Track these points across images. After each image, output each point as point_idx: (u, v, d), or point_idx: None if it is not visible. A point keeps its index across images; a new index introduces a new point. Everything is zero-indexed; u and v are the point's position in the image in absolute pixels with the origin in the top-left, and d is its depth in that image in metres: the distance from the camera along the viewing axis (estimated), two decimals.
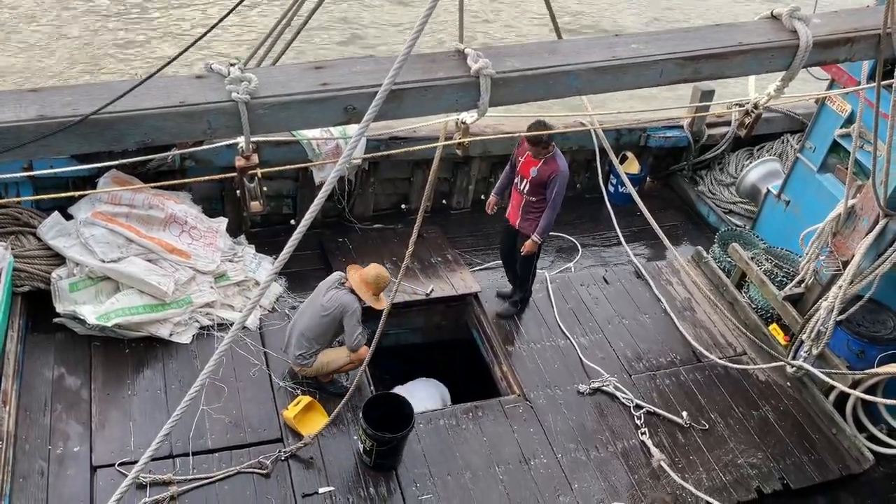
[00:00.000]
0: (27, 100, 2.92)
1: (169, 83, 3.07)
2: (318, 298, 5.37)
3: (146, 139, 3.33)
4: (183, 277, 5.66)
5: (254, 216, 6.75)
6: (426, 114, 3.48)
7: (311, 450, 5.02)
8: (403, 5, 13.51)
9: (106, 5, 12.65)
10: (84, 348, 5.38)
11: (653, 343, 6.27)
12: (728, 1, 15.07)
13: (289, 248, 2.82)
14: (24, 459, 4.65)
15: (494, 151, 7.44)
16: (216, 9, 12.49)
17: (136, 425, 4.95)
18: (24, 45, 11.40)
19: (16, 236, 5.49)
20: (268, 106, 3.04)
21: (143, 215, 5.77)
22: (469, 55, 3.25)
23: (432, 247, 6.95)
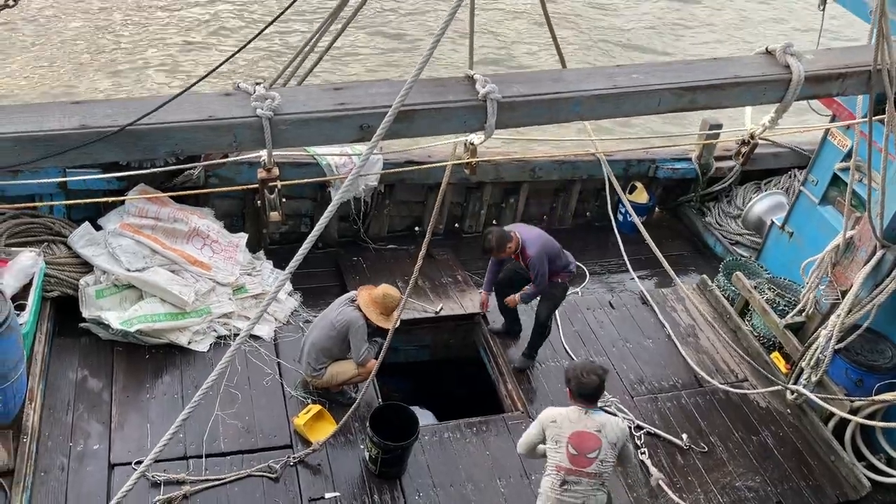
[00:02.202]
0: (71, 111, 3.20)
1: (199, 99, 3.34)
2: (330, 314, 5.59)
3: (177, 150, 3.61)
4: (203, 288, 5.92)
5: (273, 226, 7.02)
6: (436, 133, 3.73)
7: (319, 456, 5.20)
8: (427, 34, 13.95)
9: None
10: (107, 352, 5.63)
11: (656, 367, 6.41)
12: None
13: (301, 253, 3.01)
14: (47, 454, 4.87)
15: (506, 177, 7.69)
16: (237, 36, 12.98)
17: (154, 427, 5.16)
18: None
19: (48, 244, 5.78)
20: (289, 122, 3.29)
21: (168, 228, 6.06)
22: (477, 80, 3.50)
23: (443, 267, 7.17)
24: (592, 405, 4.39)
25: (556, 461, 4.29)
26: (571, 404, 4.40)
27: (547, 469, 4.36)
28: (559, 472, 4.28)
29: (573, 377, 4.39)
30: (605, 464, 4.31)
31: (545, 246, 6.00)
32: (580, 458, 4.26)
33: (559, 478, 4.28)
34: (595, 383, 4.34)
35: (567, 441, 4.28)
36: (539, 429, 4.40)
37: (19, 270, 5.16)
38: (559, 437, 4.30)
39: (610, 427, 4.35)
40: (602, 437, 4.30)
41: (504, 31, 14.56)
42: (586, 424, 4.31)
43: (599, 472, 4.29)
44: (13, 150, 3.03)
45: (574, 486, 4.26)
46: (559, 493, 4.28)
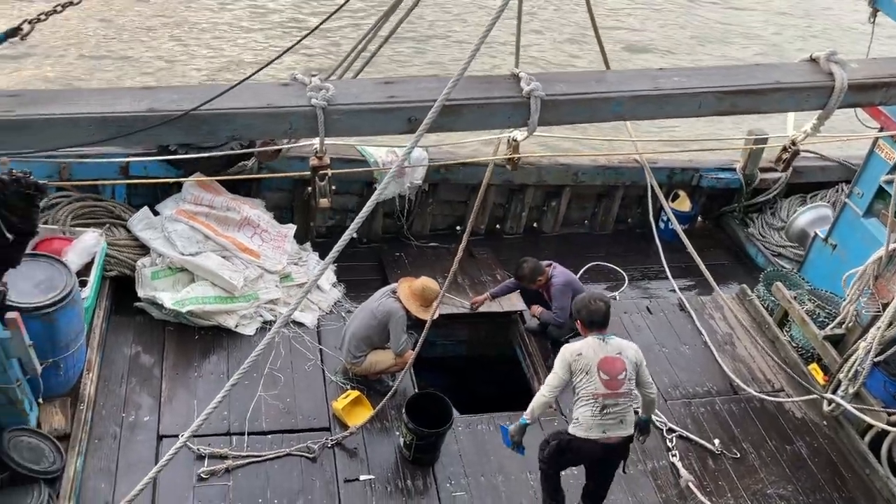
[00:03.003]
0: (140, 95, 3.42)
1: (258, 88, 3.54)
2: (371, 305, 5.79)
3: (236, 134, 3.82)
4: (252, 275, 6.17)
5: (320, 218, 7.27)
6: (481, 128, 3.87)
7: (355, 440, 5.38)
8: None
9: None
10: (159, 331, 5.92)
11: (691, 373, 6.43)
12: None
13: (344, 239, 3.17)
14: (101, 423, 5.15)
15: (549, 181, 7.80)
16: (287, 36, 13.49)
17: (200, 403, 5.40)
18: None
19: (109, 226, 6.09)
20: (342, 112, 3.46)
21: (220, 216, 6.33)
22: (522, 78, 3.63)
23: (483, 266, 7.31)
24: (605, 331, 4.71)
25: (592, 390, 4.54)
26: (585, 336, 4.70)
27: (580, 401, 4.58)
28: (597, 399, 4.53)
29: (582, 307, 4.74)
30: (631, 381, 4.64)
31: (572, 283, 6.26)
32: (613, 382, 4.55)
33: (598, 404, 4.53)
34: (604, 309, 4.72)
35: (597, 368, 4.55)
36: (565, 367, 4.62)
37: (83, 249, 5.47)
38: (588, 368, 4.56)
39: (626, 348, 4.70)
40: (624, 359, 4.63)
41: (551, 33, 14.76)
42: (608, 350, 4.61)
43: (629, 390, 4.62)
44: (87, 130, 3.26)
45: (612, 408, 4.55)
46: (601, 418, 4.54)
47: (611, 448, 4.64)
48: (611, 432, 4.57)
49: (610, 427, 4.56)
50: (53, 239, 5.51)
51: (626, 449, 4.74)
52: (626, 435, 4.63)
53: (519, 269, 6.22)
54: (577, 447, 4.66)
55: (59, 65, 12.04)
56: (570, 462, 4.91)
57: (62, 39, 12.46)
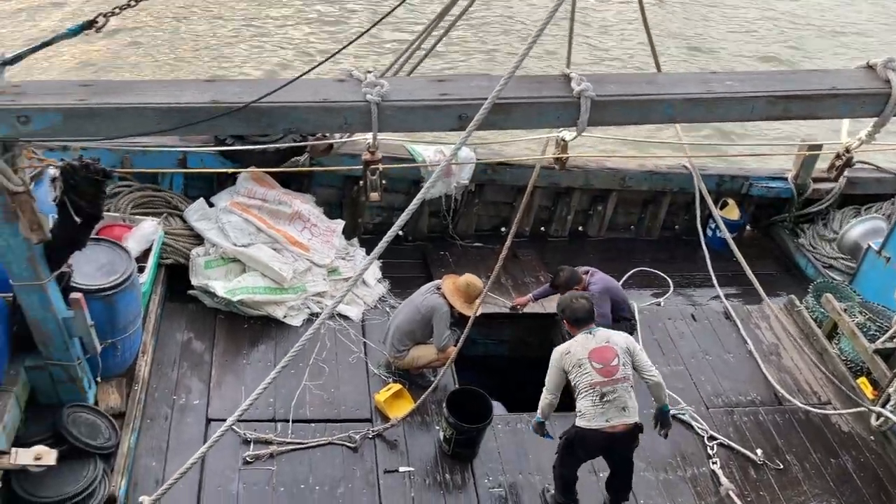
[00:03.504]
0: (204, 88, 3.59)
1: (316, 83, 3.67)
2: (416, 300, 5.89)
3: (293, 127, 3.97)
4: (301, 267, 6.33)
5: (368, 214, 7.40)
6: (530, 127, 3.94)
7: (396, 432, 5.47)
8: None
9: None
10: (210, 319, 6.11)
11: (734, 381, 6.36)
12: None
13: (389, 235, 3.28)
14: (153, 404, 5.35)
15: (596, 184, 7.80)
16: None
17: (247, 390, 5.55)
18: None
19: (166, 216, 6.32)
20: (395, 108, 3.57)
21: (273, 209, 6.51)
22: (573, 78, 3.68)
23: (527, 268, 7.35)
24: (590, 325, 4.83)
25: (588, 381, 4.66)
26: (574, 335, 4.85)
27: (580, 394, 4.69)
28: (594, 388, 4.64)
29: (566, 307, 4.93)
30: (626, 367, 4.72)
31: (611, 289, 6.22)
32: (607, 368, 4.67)
33: (597, 393, 4.64)
34: (586, 306, 4.89)
35: (588, 360, 4.68)
36: (557, 368, 4.79)
37: (142, 236, 5.69)
38: (580, 361, 4.70)
39: (615, 336, 4.84)
40: (614, 345, 4.75)
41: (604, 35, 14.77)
42: (596, 342, 4.75)
43: (625, 375, 4.70)
44: (153, 119, 3.43)
45: (611, 395, 4.64)
46: (602, 406, 4.63)
47: (615, 437, 4.68)
48: (614, 420, 4.63)
49: (613, 415, 4.64)
50: (115, 226, 5.74)
51: (634, 437, 4.78)
52: (630, 422, 4.68)
53: (555, 277, 6.23)
54: (583, 438, 4.74)
55: (129, 56, 12.60)
56: (580, 456, 4.94)
57: (132, 32, 13.01)
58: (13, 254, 3.83)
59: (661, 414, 5.00)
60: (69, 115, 3.31)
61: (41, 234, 3.71)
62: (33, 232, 3.70)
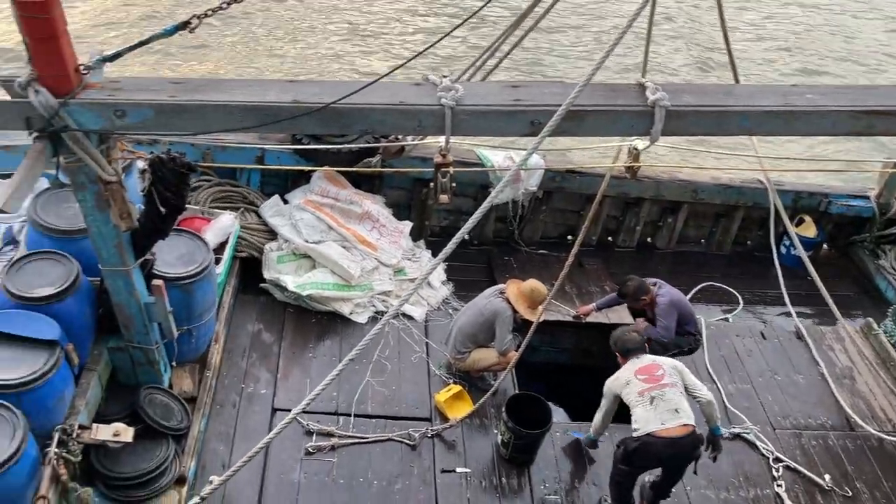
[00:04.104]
0: (286, 88, 3.72)
1: (393, 86, 3.76)
2: (479, 302, 5.93)
3: (369, 128, 4.08)
4: (368, 266, 6.47)
5: (435, 217, 7.50)
6: (602, 134, 3.94)
7: (454, 433, 5.53)
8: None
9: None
10: (279, 312, 6.30)
11: (803, 403, 6.18)
12: None
13: (455, 240, 3.34)
14: (223, 391, 5.55)
15: (666, 196, 7.69)
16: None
17: (312, 382, 5.70)
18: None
19: (243, 211, 6.56)
20: (469, 112, 3.62)
21: (344, 208, 6.67)
22: (648, 87, 3.67)
23: (592, 277, 7.30)
24: (640, 355, 5.01)
25: (637, 390, 4.81)
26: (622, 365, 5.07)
27: (633, 406, 4.80)
28: (643, 395, 4.77)
29: (617, 341, 5.17)
30: (673, 377, 4.81)
31: (678, 303, 6.16)
32: (652, 377, 4.82)
33: (647, 398, 4.75)
34: (636, 338, 5.14)
35: (634, 376, 4.87)
36: (609, 393, 5.03)
37: (219, 229, 5.93)
38: (628, 380, 4.90)
39: (660, 358, 5.03)
40: (659, 362, 4.94)
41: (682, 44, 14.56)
42: (641, 363, 4.94)
43: (673, 381, 4.79)
44: (237, 116, 3.59)
45: (661, 398, 4.71)
46: (654, 411, 4.70)
47: (675, 442, 4.64)
48: (669, 423, 4.63)
49: (666, 417, 4.65)
50: (194, 218, 5.99)
51: (695, 447, 4.74)
52: (686, 424, 4.65)
53: (623, 287, 6.20)
54: (641, 446, 4.73)
55: (217, 55, 13.13)
56: (639, 465, 4.89)
57: (221, 33, 13.56)
58: (103, 240, 4.05)
59: (713, 436, 4.94)
60: (160, 110, 3.49)
61: (129, 223, 3.92)
62: (122, 220, 3.90)
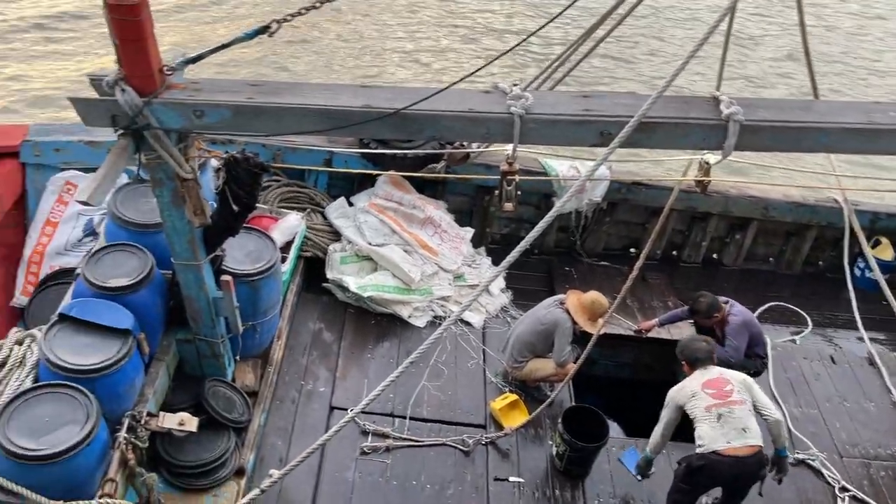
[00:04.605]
0: (358, 93, 3.78)
1: (462, 93, 3.78)
2: (538, 312, 5.90)
3: (437, 135, 4.11)
4: (428, 270, 6.53)
5: (497, 225, 7.52)
6: (674, 147, 3.87)
7: (509, 441, 5.51)
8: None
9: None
10: (340, 312, 6.40)
11: (874, 432, 5.94)
12: None
13: (518, 250, 3.33)
14: (283, 386, 5.67)
15: (735, 212, 7.51)
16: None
17: (370, 383, 5.78)
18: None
19: (309, 212, 6.69)
20: (537, 121, 3.62)
21: (407, 213, 6.75)
22: (722, 101, 3.60)
23: (655, 292, 7.18)
24: (709, 366, 4.84)
25: (703, 405, 4.65)
26: (688, 375, 4.90)
27: (697, 421, 4.65)
28: (710, 411, 4.62)
29: (684, 348, 5.00)
30: (741, 394, 4.63)
31: (749, 323, 6.01)
32: (721, 393, 4.64)
33: (713, 414, 4.60)
34: (704, 347, 4.93)
35: (702, 389, 4.69)
36: (672, 405, 4.83)
37: (286, 228, 6.07)
38: (694, 392, 4.73)
39: (729, 372, 4.85)
40: (728, 377, 4.78)
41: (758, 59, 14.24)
42: (709, 375, 4.76)
43: (742, 399, 4.61)
44: (311, 119, 3.66)
45: (729, 416, 4.56)
46: (720, 427, 4.56)
47: (741, 461, 4.50)
48: (735, 441, 4.49)
49: (733, 436, 4.50)
50: (263, 217, 6.14)
51: (761, 467, 4.60)
52: (753, 444, 4.51)
53: (695, 303, 6.05)
54: (706, 464, 4.59)
55: (293, 59, 13.49)
56: (701, 485, 4.77)
57: (296, 38, 13.91)
58: (177, 235, 4.19)
59: (778, 457, 4.80)
60: (238, 111, 3.59)
61: (203, 219, 4.04)
62: (196, 216, 4.03)
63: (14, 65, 12.22)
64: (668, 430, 4.95)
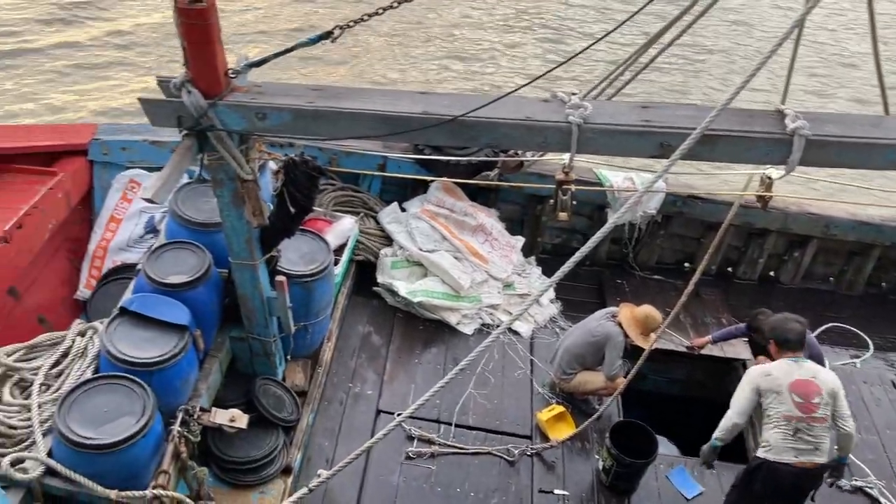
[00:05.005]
0: (417, 99, 3.80)
1: (520, 101, 3.77)
2: (590, 324, 5.84)
3: (493, 143, 4.10)
4: (478, 278, 6.52)
5: (548, 234, 7.47)
6: (735, 161, 3.80)
7: (555, 453, 5.46)
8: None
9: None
10: (389, 316, 6.43)
11: None
12: None
13: (570, 263, 3.28)
14: (331, 388, 5.72)
15: (794, 229, 7.31)
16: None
17: (416, 388, 5.80)
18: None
19: (362, 216, 6.76)
20: (596, 131, 3.58)
21: (458, 220, 6.75)
22: (788, 115, 3.52)
23: (708, 308, 7.03)
24: (799, 353, 4.49)
25: (783, 412, 4.34)
26: (777, 358, 4.53)
27: (771, 423, 4.39)
28: (790, 422, 4.34)
29: (776, 326, 4.58)
30: (828, 408, 4.36)
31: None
32: (807, 405, 4.33)
33: (791, 427, 4.34)
34: (798, 328, 4.54)
35: (789, 390, 4.34)
36: (752, 387, 4.46)
37: (340, 232, 6.14)
38: (779, 388, 4.37)
39: (823, 374, 4.47)
40: (820, 383, 4.44)
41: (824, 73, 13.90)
42: (801, 373, 4.40)
43: (825, 415, 4.34)
44: (370, 124, 3.70)
45: (807, 432, 4.32)
46: (793, 442, 4.33)
47: (804, 474, 4.35)
48: (804, 457, 4.33)
49: (803, 452, 4.32)
50: (317, 220, 6.22)
51: (820, 478, 4.46)
52: (821, 462, 4.35)
53: (754, 319, 5.90)
54: (767, 471, 4.42)
55: (353, 64, 13.71)
56: (759, 492, 4.58)
57: (356, 44, 14.14)
58: (235, 234, 4.27)
59: (839, 462, 4.62)
60: (299, 115, 3.65)
61: (261, 220, 4.13)
62: (255, 217, 4.11)
63: (85, 72, 12.71)
64: (743, 414, 4.54)
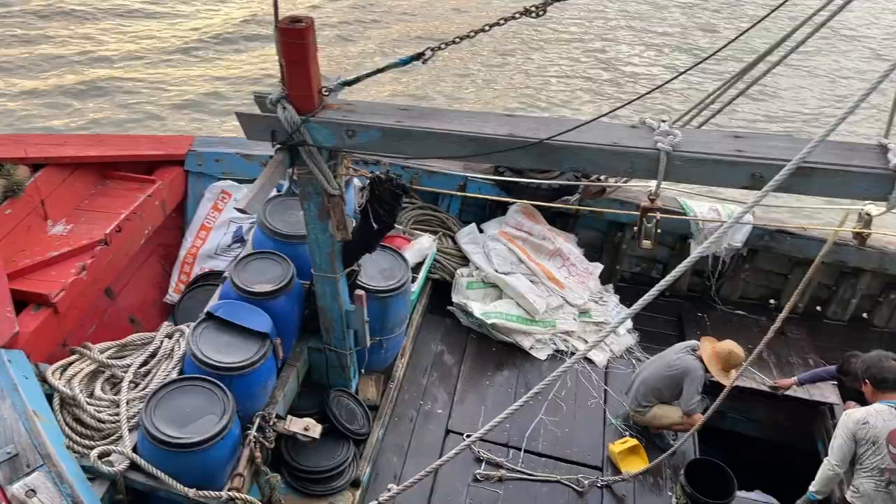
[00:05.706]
0: (504, 121, 3.83)
1: (607, 127, 3.74)
2: (668, 356, 5.69)
3: (578, 167, 4.07)
4: (553, 303, 6.45)
5: (628, 263, 7.34)
6: (831, 196, 3.65)
7: (625, 487, 5.32)
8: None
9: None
10: (462, 336, 6.45)
11: None
12: None
13: (651, 295, 3.22)
14: (402, 404, 5.76)
15: (891, 270, 6.93)
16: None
17: (486, 410, 5.77)
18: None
19: (440, 235, 6.82)
20: (685, 159, 3.52)
21: (536, 243, 6.72)
22: (891, 149, 3.36)
23: (794, 348, 6.74)
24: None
25: (878, 463, 4.19)
26: (872, 401, 4.35)
27: (863, 472, 4.24)
28: (884, 474, 4.18)
29: (872, 364, 4.38)
30: None
31: None
32: None
33: (885, 479, 4.18)
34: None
35: (887, 441, 4.18)
36: (849, 435, 4.31)
37: (418, 250, 6.21)
38: (876, 438, 4.22)
39: None
40: None
41: None
42: None
43: None
44: (455, 145, 3.75)
45: None
46: (885, 493, 4.17)
47: None
48: None
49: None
50: (396, 237, 6.32)
51: None
52: None
53: (846, 363, 5.62)
54: None
55: (438, 85, 13.96)
56: None
57: (442, 66, 14.42)
58: (319, 247, 4.38)
59: None
60: (387, 133, 3.74)
61: (345, 234, 4.22)
62: (339, 231, 4.21)
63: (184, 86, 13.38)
64: (844, 463, 4.37)
